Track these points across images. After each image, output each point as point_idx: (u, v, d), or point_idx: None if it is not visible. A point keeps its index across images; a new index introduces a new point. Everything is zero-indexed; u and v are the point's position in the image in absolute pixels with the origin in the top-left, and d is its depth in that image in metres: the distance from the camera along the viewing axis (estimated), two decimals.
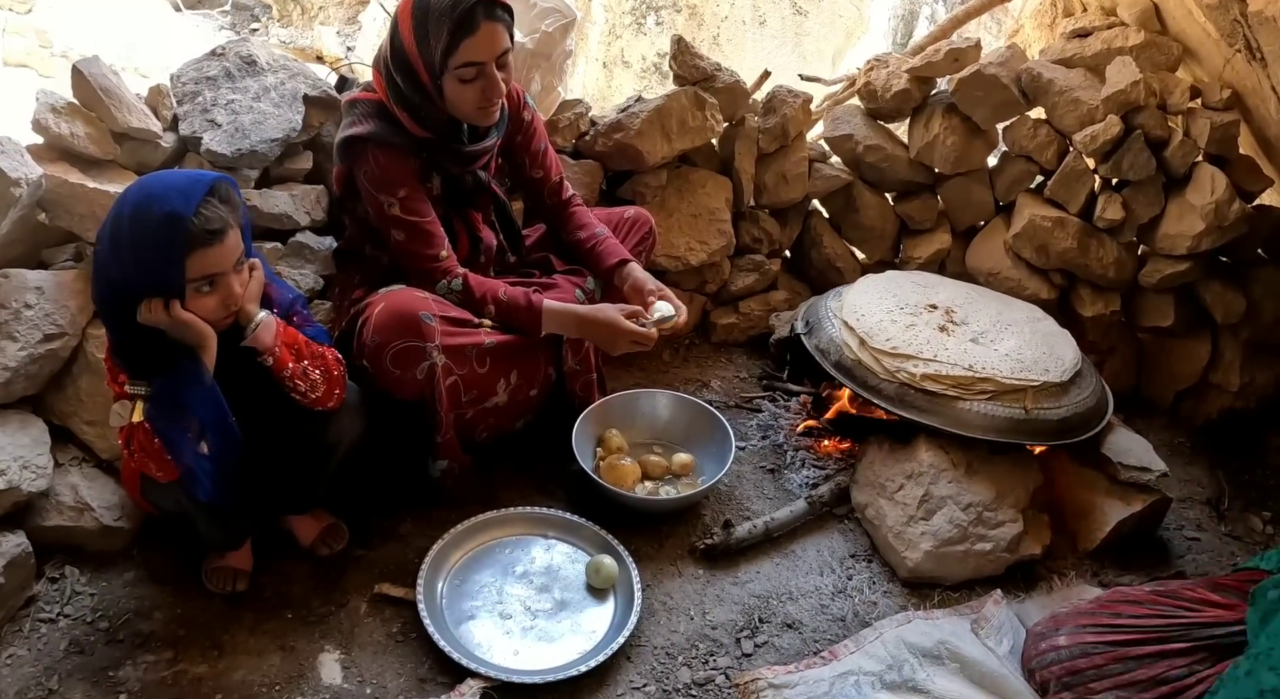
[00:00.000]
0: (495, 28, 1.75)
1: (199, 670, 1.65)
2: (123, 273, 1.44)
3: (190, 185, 1.44)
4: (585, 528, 1.93)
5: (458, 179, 2.00)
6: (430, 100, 1.82)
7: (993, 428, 1.95)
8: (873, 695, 1.62)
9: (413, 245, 1.90)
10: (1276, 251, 2.72)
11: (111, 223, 1.44)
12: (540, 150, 2.15)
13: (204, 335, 1.50)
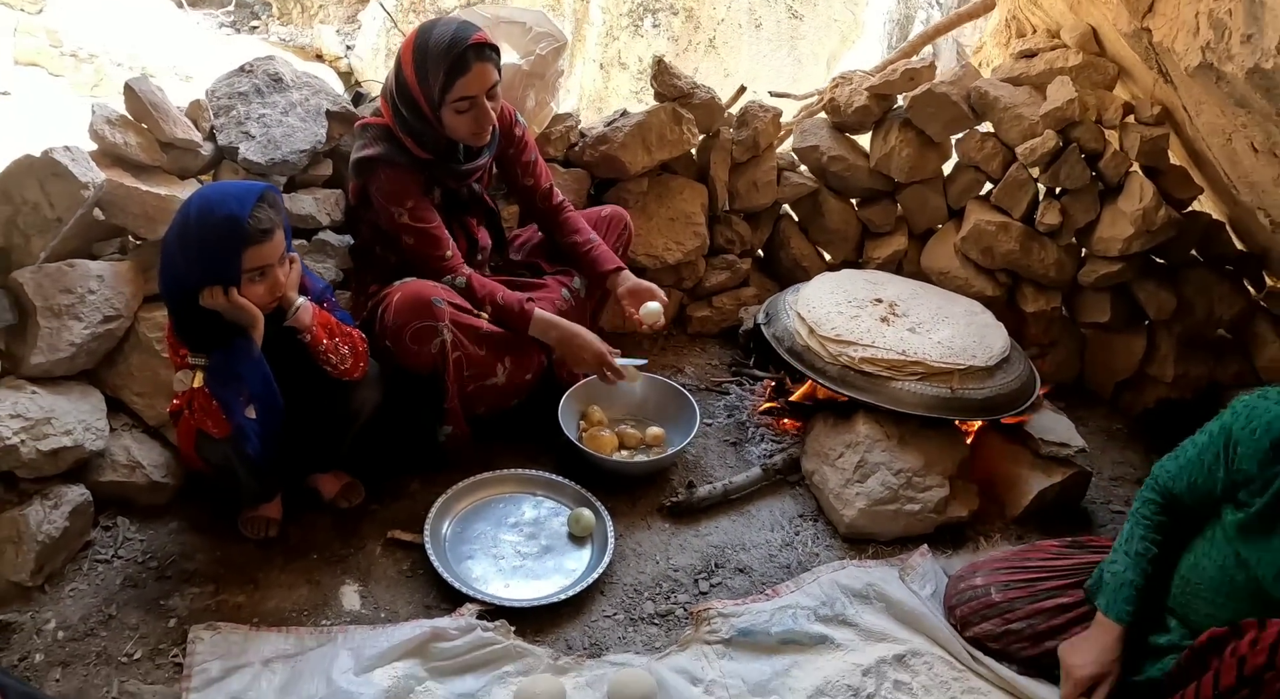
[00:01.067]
0: (485, 67, 2.15)
1: (238, 600, 2.02)
2: (188, 266, 1.82)
3: (245, 193, 1.82)
4: (568, 487, 2.32)
5: (455, 191, 2.39)
6: (431, 127, 2.22)
7: (922, 404, 2.33)
8: (807, 626, 2.00)
9: (422, 248, 2.30)
10: (1208, 253, 3.10)
11: (179, 225, 1.82)
12: (530, 161, 2.54)
13: (255, 317, 1.89)
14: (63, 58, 6.92)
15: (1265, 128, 2.01)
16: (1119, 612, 1.80)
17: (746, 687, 1.87)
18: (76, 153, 2.10)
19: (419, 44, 2.15)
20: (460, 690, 1.82)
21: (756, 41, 7.76)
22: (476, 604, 1.97)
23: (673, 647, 1.96)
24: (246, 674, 1.83)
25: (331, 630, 1.93)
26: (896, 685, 1.90)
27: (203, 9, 9.19)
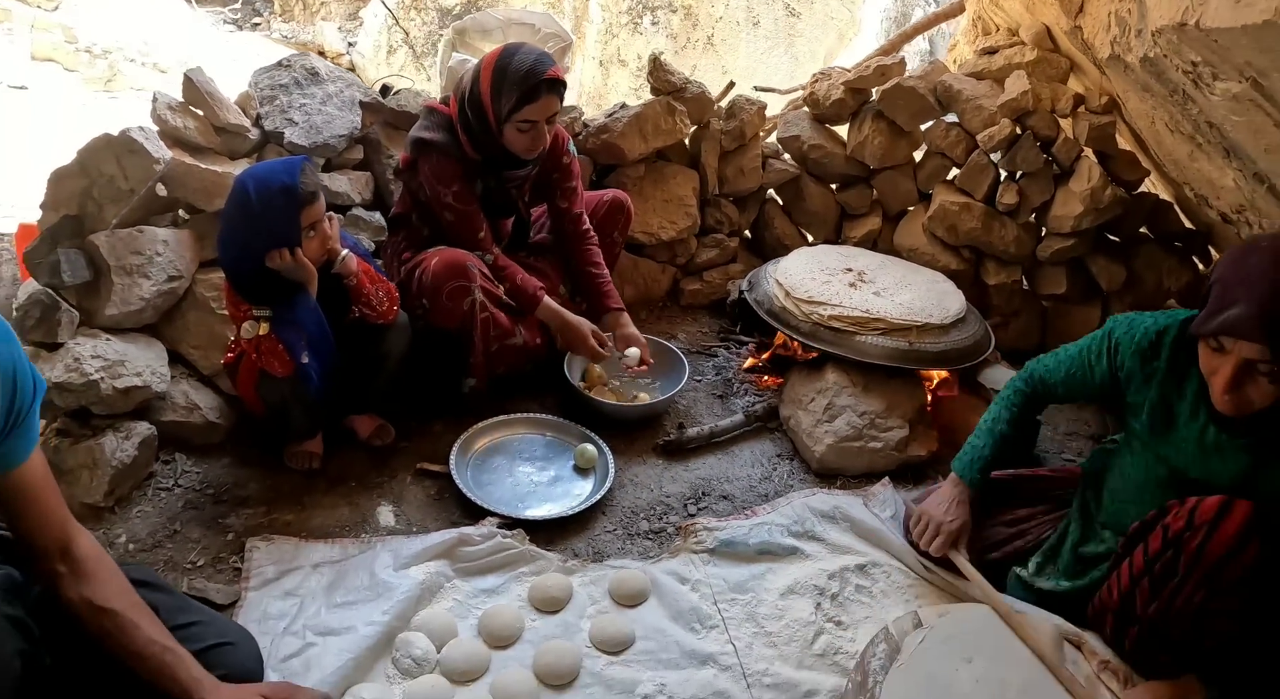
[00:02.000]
0: (553, 99, 2.56)
1: (287, 518, 2.40)
2: (253, 235, 2.21)
3: (290, 166, 2.22)
4: (574, 428, 2.72)
5: (494, 190, 2.78)
6: (490, 136, 2.62)
7: (883, 355, 2.72)
8: (781, 539, 2.38)
9: (459, 226, 2.70)
10: (1157, 230, 3.50)
11: (239, 201, 2.21)
12: (570, 188, 2.92)
13: (312, 273, 2.28)
14: (77, 53, 7.34)
15: (1168, 109, 2.40)
16: (971, 477, 2.23)
17: (727, 586, 2.25)
18: (148, 133, 2.49)
19: (500, 65, 2.54)
20: (483, 587, 2.20)
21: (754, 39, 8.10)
22: (496, 517, 2.36)
23: (664, 555, 2.35)
24: (298, 575, 2.21)
25: (371, 541, 2.31)
26: (858, 589, 2.28)
27: (207, 6, 9.55)
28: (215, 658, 1.72)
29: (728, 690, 1.99)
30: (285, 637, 2.02)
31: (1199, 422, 1.90)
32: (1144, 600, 1.86)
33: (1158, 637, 1.87)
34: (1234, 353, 1.68)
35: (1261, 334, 1.62)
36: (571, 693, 1.97)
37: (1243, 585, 1.73)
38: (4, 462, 1.48)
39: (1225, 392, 1.71)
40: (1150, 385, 1.98)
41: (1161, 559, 1.82)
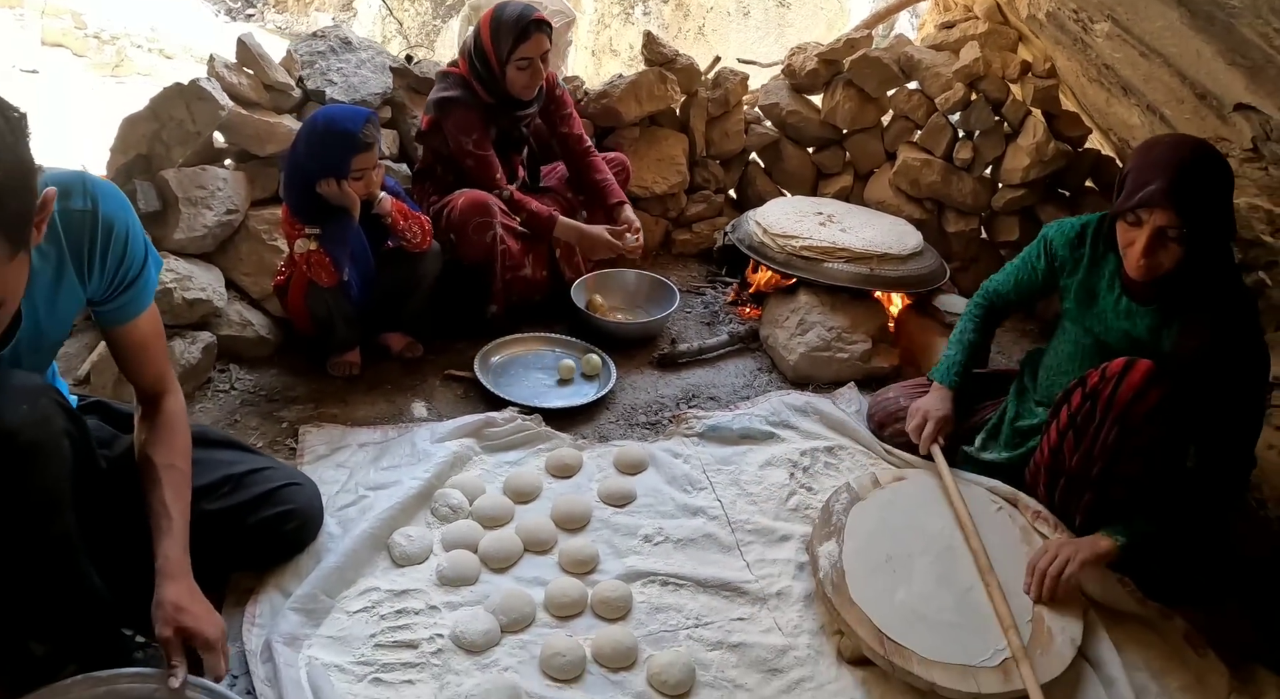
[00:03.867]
0: (541, 37, 3.08)
1: (333, 412, 2.84)
2: (311, 161, 2.68)
3: (357, 115, 2.70)
4: (581, 344, 3.19)
5: (508, 131, 3.27)
6: (496, 79, 3.12)
7: (848, 279, 3.21)
8: (760, 426, 2.83)
9: (479, 169, 3.18)
10: (1101, 183, 3.98)
11: (309, 130, 2.68)
12: (567, 114, 3.45)
13: (355, 202, 2.75)
14: (86, 39, 7.79)
15: (1079, 60, 2.88)
16: (949, 380, 2.68)
17: (714, 459, 2.71)
18: (213, 83, 2.95)
19: (495, 16, 3.09)
20: (506, 460, 2.66)
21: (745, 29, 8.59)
22: (516, 406, 2.81)
23: (660, 438, 2.81)
24: (347, 452, 2.65)
25: (409, 427, 2.76)
26: (826, 465, 2.73)
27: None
28: (286, 494, 2.16)
29: (715, 533, 2.44)
30: (340, 493, 2.46)
31: (1114, 294, 2.37)
32: (1070, 451, 2.30)
33: (1081, 482, 2.30)
34: (1149, 223, 2.11)
35: (1171, 202, 2.06)
36: (584, 535, 2.42)
37: (1148, 423, 2.15)
38: (113, 317, 1.78)
39: (1142, 257, 2.14)
40: (1078, 269, 2.46)
41: (1082, 411, 2.25)
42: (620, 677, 2.03)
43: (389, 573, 2.23)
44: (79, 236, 1.63)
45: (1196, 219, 2.06)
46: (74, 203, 1.61)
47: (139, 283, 1.77)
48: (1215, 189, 2.10)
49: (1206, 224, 2.09)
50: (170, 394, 1.92)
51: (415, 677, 1.98)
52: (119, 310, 1.78)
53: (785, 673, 2.08)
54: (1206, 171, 2.09)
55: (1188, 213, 2.05)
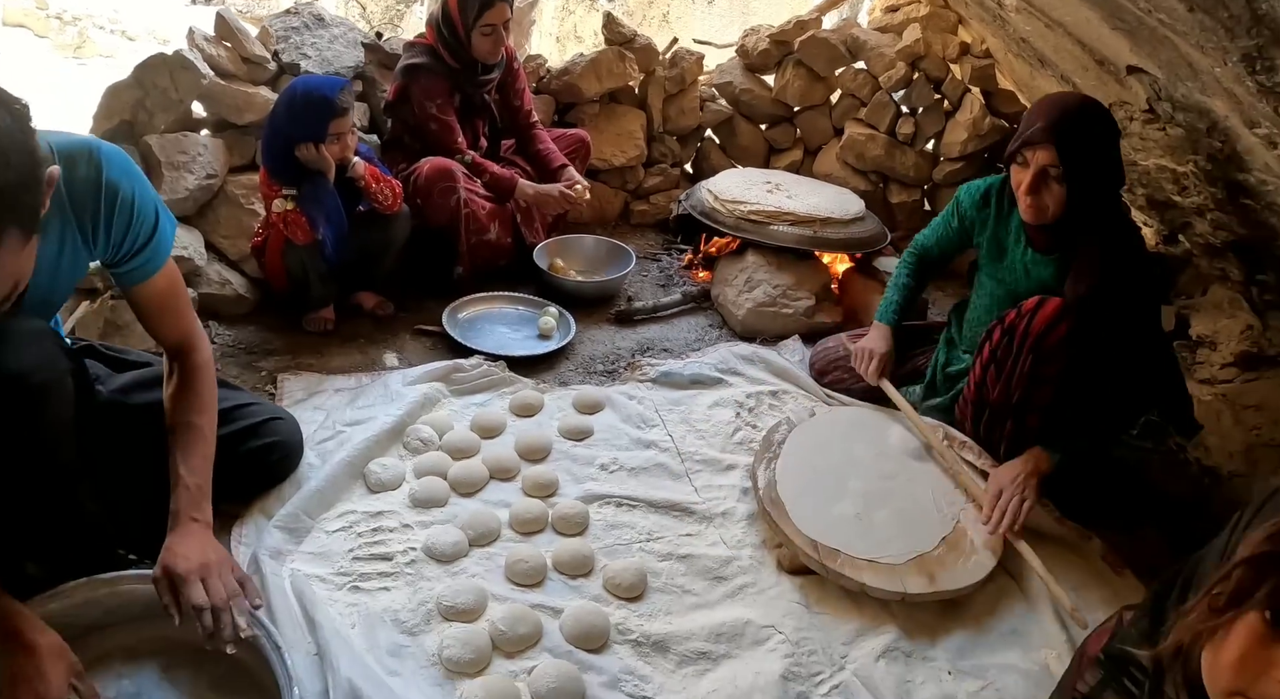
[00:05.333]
0: (504, 6, 3.36)
1: (310, 362, 3.07)
2: (291, 126, 2.91)
3: (334, 83, 2.96)
4: (543, 301, 3.44)
5: (471, 97, 3.52)
6: (462, 46, 3.38)
7: (792, 240, 3.49)
8: (709, 372, 3.10)
9: (442, 134, 3.43)
10: None
11: (288, 97, 2.92)
12: (520, 89, 3.72)
13: (330, 165, 2.99)
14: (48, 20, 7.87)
15: (1000, 37, 3.17)
16: (889, 318, 2.96)
17: (666, 401, 2.97)
18: (195, 54, 3.17)
19: None
20: (472, 402, 2.90)
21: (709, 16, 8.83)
22: (482, 354, 3.06)
23: (616, 383, 3.07)
24: (323, 396, 2.88)
25: (381, 374, 2.99)
26: (770, 406, 3.00)
27: None
28: (270, 427, 2.38)
29: (666, 463, 2.70)
30: (319, 431, 2.69)
31: (1020, 246, 2.66)
32: (991, 383, 2.58)
33: (1003, 411, 2.58)
34: (1033, 163, 2.41)
35: (1050, 139, 2.34)
36: (546, 464, 2.67)
37: (1058, 352, 2.42)
38: (130, 278, 1.89)
39: (1027, 193, 2.43)
40: (987, 226, 2.75)
41: (1001, 346, 2.53)
42: (578, 582, 2.28)
43: (365, 498, 2.47)
44: (83, 204, 1.72)
45: (1076, 159, 2.35)
46: (79, 171, 1.70)
47: (153, 243, 1.86)
48: (1095, 134, 2.38)
49: (1086, 166, 2.37)
50: (195, 350, 2.02)
51: (390, 584, 2.22)
52: (135, 271, 1.88)
53: (730, 580, 2.34)
54: (1086, 117, 2.38)
55: (1067, 152, 2.34)
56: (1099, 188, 2.44)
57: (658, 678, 2.06)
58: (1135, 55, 2.32)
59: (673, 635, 2.15)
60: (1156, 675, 1.23)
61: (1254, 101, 2.02)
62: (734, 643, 2.16)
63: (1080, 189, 2.39)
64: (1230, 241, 3.09)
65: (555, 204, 3.63)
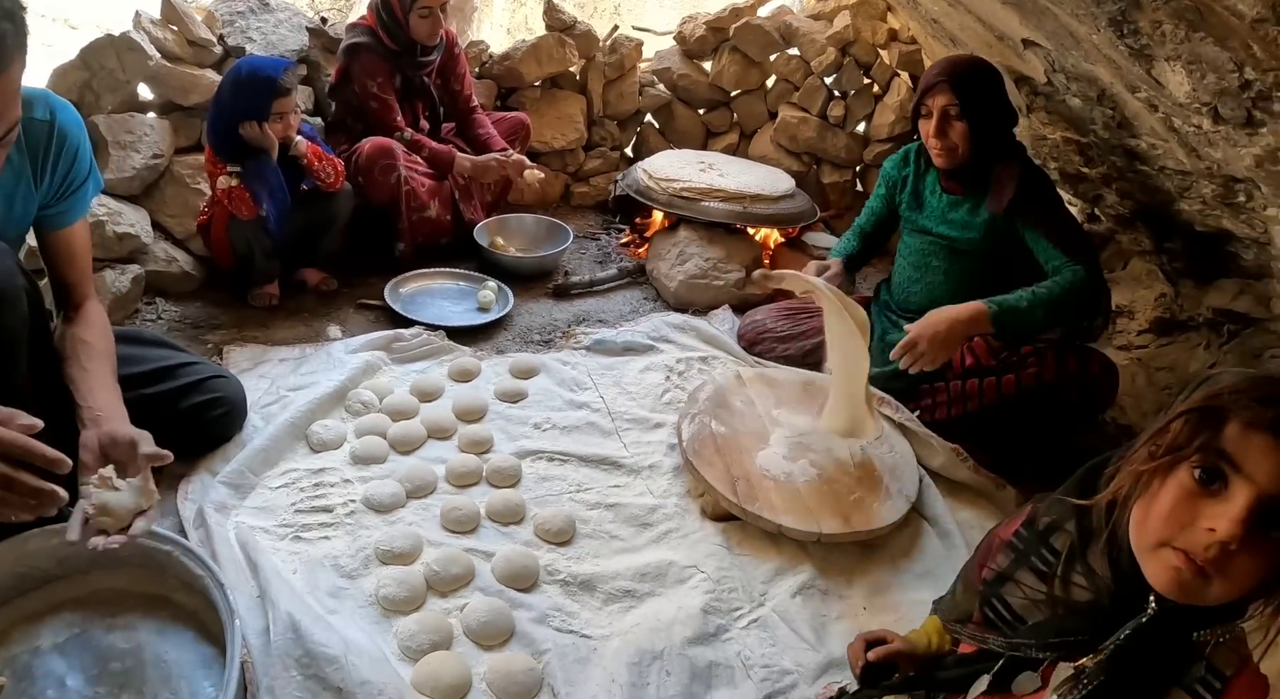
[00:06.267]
0: None
1: (255, 334, 3.20)
2: (236, 105, 3.05)
3: (278, 64, 3.09)
4: (483, 277, 3.58)
5: (411, 79, 3.66)
6: (401, 28, 3.52)
7: (723, 215, 3.66)
8: (641, 340, 3.26)
9: (382, 112, 3.57)
10: None
11: (233, 76, 3.06)
12: (461, 73, 3.87)
13: (273, 143, 3.12)
14: None
15: (916, 19, 3.36)
16: (841, 253, 3.15)
17: (599, 367, 3.13)
18: (142, 36, 3.29)
19: None
20: (412, 369, 3.05)
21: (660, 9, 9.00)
22: (422, 325, 3.20)
23: (551, 350, 3.22)
24: (267, 365, 3.01)
25: (325, 344, 3.12)
26: (700, 370, 3.16)
27: None
28: (214, 384, 2.50)
29: (597, 422, 2.86)
30: (264, 396, 2.82)
31: (936, 194, 2.90)
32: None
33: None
34: (934, 108, 2.67)
35: (944, 80, 2.63)
36: (481, 424, 2.81)
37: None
38: (53, 223, 2.01)
39: (935, 137, 2.69)
40: (907, 184, 3.00)
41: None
42: (510, 529, 2.43)
43: (307, 456, 2.60)
44: (36, 144, 1.89)
45: (970, 95, 2.63)
46: (35, 113, 1.88)
47: (80, 193, 2.04)
48: (982, 72, 2.69)
49: (980, 101, 2.64)
50: (92, 301, 2.14)
51: (331, 533, 2.35)
52: (59, 216, 2.03)
53: (655, 526, 2.50)
54: (973, 62, 2.71)
55: (960, 89, 2.62)
56: (996, 123, 2.70)
57: (585, 614, 2.21)
58: (1025, 28, 2.50)
59: (599, 576, 2.30)
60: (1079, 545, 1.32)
61: (1129, 66, 2.20)
62: (658, 582, 2.31)
63: (980, 124, 2.66)
64: (1136, 210, 3.29)
65: (494, 172, 3.78)
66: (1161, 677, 1.18)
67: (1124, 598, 1.22)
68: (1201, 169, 2.53)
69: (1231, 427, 1.08)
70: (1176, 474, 1.12)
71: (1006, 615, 1.39)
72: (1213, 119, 2.02)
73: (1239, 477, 1.06)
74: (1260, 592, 1.10)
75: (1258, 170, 2.06)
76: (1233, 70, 1.76)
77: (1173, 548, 1.11)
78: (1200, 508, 1.09)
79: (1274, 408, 1.06)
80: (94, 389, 1.93)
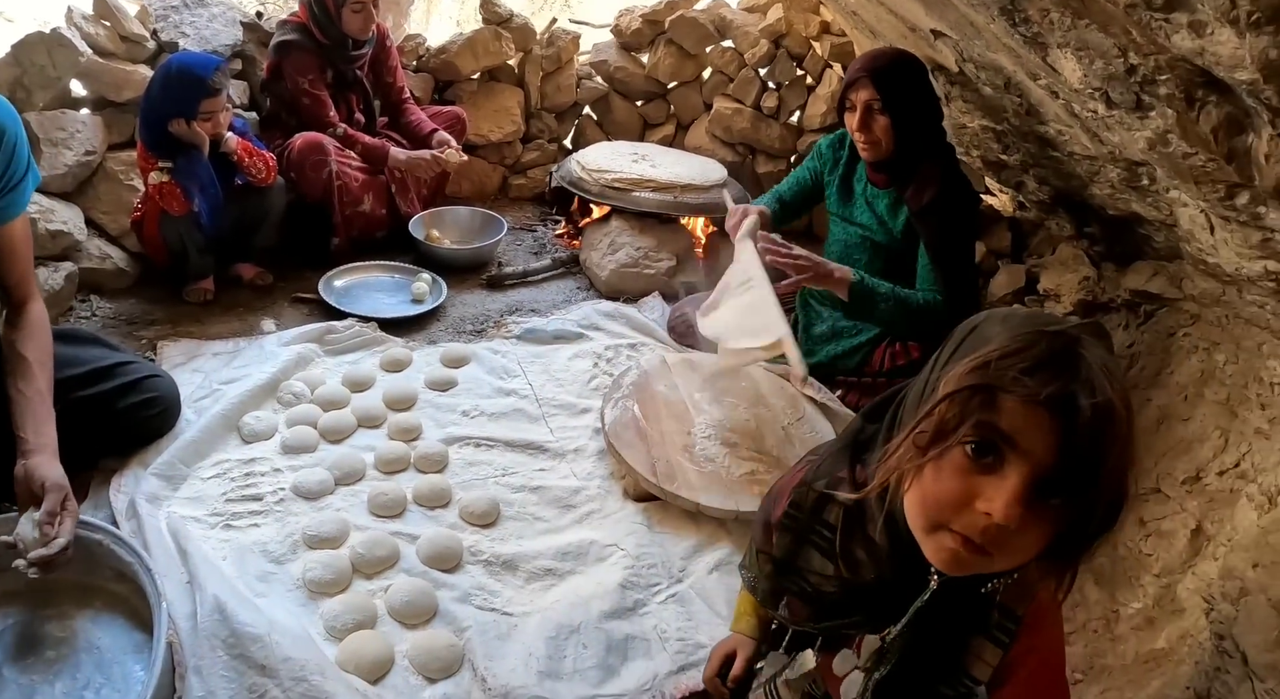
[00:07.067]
0: None
1: (190, 329, 3.26)
2: (165, 102, 3.11)
3: (209, 62, 3.14)
4: (417, 269, 3.67)
5: (344, 73, 3.73)
6: (333, 22, 3.60)
7: (654, 205, 3.77)
8: (572, 328, 3.37)
9: (315, 108, 3.64)
10: None
11: (163, 72, 3.11)
12: (393, 66, 3.95)
13: (203, 140, 3.19)
14: None
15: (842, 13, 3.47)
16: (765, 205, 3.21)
17: (529, 355, 3.23)
18: (73, 32, 3.34)
19: None
20: (344, 360, 3.13)
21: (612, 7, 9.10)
22: (356, 317, 3.28)
23: (482, 340, 3.31)
24: (201, 359, 3.08)
25: (259, 338, 3.19)
26: (628, 357, 3.27)
27: None
28: (149, 384, 2.57)
29: (525, 408, 2.96)
30: (196, 390, 2.89)
31: (863, 184, 3.02)
32: None
33: None
34: (858, 102, 2.78)
35: (866, 75, 2.74)
36: (411, 412, 2.90)
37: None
38: None
39: (859, 130, 2.80)
40: (838, 167, 3.10)
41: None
42: (436, 513, 2.53)
43: (239, 448, 2.69)
44: None
45: (891, 89, 2.74)
46: None
47: (19, 189, 2.07)
48: (904, 66, 2.78)
49: (902, 95, 2.75)
50: (34, 300, 2.20)
51: (260, 521, 2.44)
52: (1, 211, 2.06)
53: (578, 508, 2.61)
54: (895, 56, 2.80)
55: (882, 84, 2.73)
56: (919, 117, 2.80)
57: (507, 592, 2.31)
58: (931, 18, 2.61)
59: (521, 555, 2.41)
60: (854, 519, 1.30)
61: (1026, 54, 2.30)
62: (579, 560, 2.42)
63: (902, 117, 2.77)
64: (1055, 195, 3.42)
65: (428, 167, 3.87)
66: (962, 629, 1.23)
67: (908, 567, 1.22)
68: (1105, 154, 2.64)
69: (1004, 404, 1.03)
70: (949, 455, 1.08)
71: (809, 590, 1.39)
72: (1106, 104, 2.12)
73: (1015, 453, 1.03)
74: (1046, 554, 1.08)
75: (1150, 153, 2.16)
76: (1118, 55, 1.84)
77: (949, 530, 1.09)
78: (975, 486, 1.06)
79: (1043, 378, 1.01)
80: (28, 418, 2.02)
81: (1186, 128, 1.75)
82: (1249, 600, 1.50)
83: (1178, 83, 1.65)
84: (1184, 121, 1.74)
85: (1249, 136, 1.63)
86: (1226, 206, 1.93)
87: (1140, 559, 2.62)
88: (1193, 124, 1.71)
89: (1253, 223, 1.91)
